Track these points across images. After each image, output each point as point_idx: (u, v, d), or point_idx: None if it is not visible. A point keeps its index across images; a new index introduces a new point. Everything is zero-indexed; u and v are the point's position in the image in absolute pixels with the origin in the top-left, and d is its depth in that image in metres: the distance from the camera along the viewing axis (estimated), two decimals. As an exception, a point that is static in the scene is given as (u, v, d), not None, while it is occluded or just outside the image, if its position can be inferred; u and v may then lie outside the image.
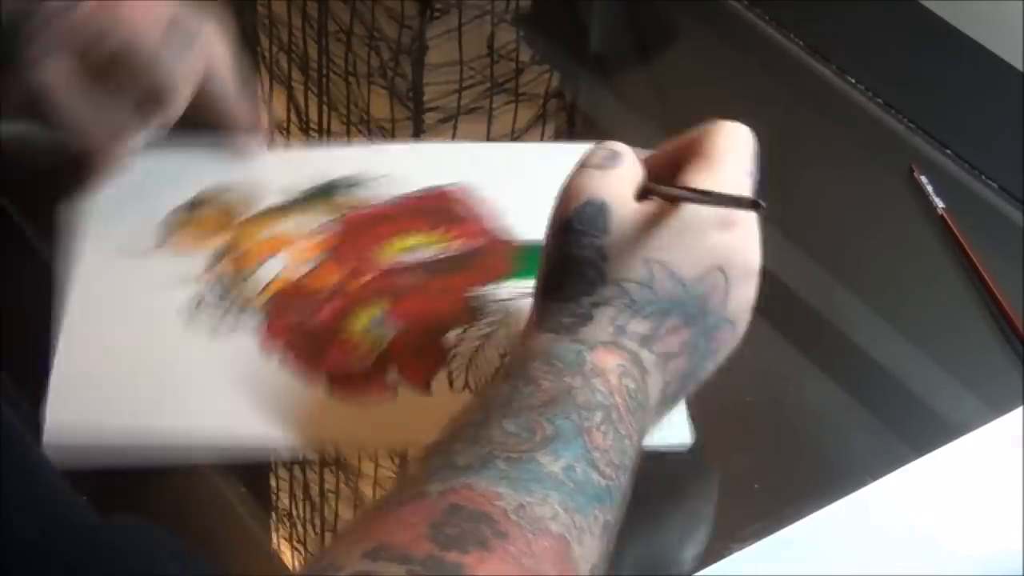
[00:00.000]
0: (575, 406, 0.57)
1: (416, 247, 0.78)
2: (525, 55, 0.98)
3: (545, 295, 0.63)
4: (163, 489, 0.69)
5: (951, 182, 0.87)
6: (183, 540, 0.53)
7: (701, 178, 0.62)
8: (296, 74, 0.95)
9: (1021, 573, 0.64)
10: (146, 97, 0.78)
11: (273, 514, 0.69)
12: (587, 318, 0.61)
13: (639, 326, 0.61)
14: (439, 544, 0.48)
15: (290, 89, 0.93)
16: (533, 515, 0.51)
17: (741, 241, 0.63)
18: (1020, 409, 0.71)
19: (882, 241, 0.85)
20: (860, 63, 0.96)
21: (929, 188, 0.85)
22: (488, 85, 0.95)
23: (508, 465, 0.53)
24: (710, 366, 0.64)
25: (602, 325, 0.61)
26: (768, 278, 0.73)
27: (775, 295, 0.80)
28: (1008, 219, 0.86)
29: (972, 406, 0.73)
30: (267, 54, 0.86)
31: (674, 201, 0.62)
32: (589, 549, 0.53)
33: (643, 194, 0.63)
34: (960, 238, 0.82)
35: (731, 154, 0.63)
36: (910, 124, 0.92)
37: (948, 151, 0.89)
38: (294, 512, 0.69)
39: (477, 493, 0.51)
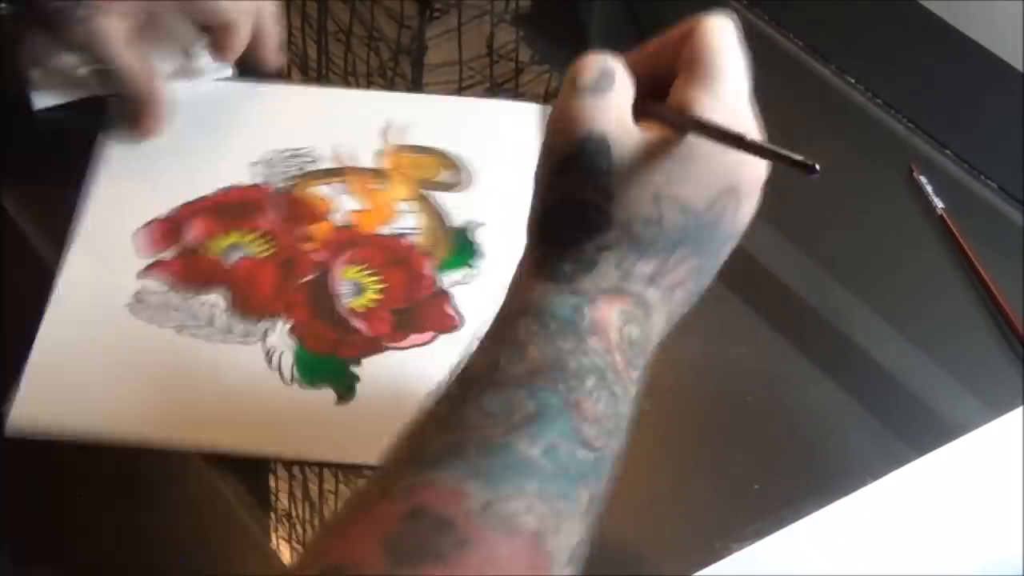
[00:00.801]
0: (564, 376, 0.53)
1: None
2: (525, 55, 0.98)
3: (542, 239, 0.57)
4: (163, 489, 0.69)
5: (951, 182, 0.87)
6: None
7: (701, 97, 0.56)
8: (296, 74, 0.95)
9: (1021, 574, 0.64)
10: (209, 36, 0.83)
11: (272, 515, 0.69)
12: (591, 264, 0.56)
13: (645, 266, 0.56)
14: (394, 559, 0.47)
15: (290, 89, 0.93)
16: (502, 513, 0.49)
17: (749, 155, 0.56)
18: (1020, 409, 0.71)
19: (882, 241, 0.84)
20: (860, 63, 0.95)
21: (929, 188, 0.85)
22: (488, 85, 0.95)
23: (479, 455, 0.50)
24: (711, 280, 0.59)
25: (607, 271, 0.56)
26: (768, 278, 0.74)
27: (775, 295, 0.81)
28: (1008, 219, 0.86)
29: (972, 406, 0.73)
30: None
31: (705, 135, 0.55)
32: (569, 534, 0.50)
33: (639, 110, 0.57)
34: (960, 238, 0.82)
35: (728, 62, 0.57)
36: (910, 124, 0.91)
37: (948, 151, 0.89)
38: (293, 513, 0.69)
39: (444, 491, 0.49)
